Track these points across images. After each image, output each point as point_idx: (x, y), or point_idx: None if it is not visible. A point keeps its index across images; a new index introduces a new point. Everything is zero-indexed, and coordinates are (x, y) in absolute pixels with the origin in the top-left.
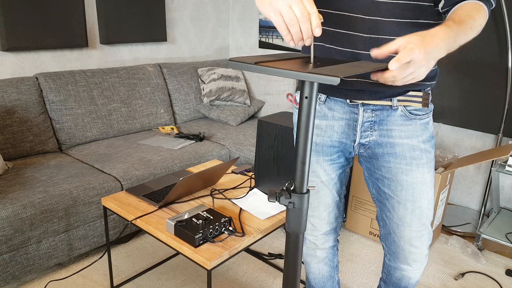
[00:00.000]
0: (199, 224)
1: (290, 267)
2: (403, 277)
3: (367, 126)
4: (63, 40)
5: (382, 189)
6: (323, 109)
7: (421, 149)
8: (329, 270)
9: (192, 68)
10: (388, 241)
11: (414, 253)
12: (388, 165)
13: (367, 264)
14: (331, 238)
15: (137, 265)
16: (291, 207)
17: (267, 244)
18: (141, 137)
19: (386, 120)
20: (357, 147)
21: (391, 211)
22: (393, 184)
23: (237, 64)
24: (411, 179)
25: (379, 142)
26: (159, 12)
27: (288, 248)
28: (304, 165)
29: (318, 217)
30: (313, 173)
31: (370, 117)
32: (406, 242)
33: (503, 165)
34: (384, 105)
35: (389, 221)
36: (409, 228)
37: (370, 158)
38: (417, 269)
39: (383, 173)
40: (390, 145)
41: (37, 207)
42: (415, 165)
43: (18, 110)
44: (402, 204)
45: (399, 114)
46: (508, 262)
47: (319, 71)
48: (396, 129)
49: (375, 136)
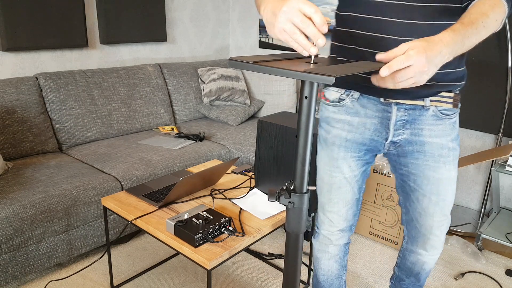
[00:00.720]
0: (199, 224)
1: (290, 267)
2: (417, 262)
3: (399, 125)
4: (63, 40)
5: (408, 182)
6: (355, 106)
7: (449, 148)
8: (338, 269)
9: (192, 68)
10: (410, 226)
11: (433, 240)
12: (416, 162)
13: (367, 264)
14: (346, 236)
15: (137, 265)
16: (291, 207)
17: (267, 244)
18: (141, 137)
19: (418, 120)
20: (388, 145)
21: (415, 202)
22: (419, 179)
23: (237, 63)
24: (438, 175)
25: (409, 140)
26: (159, 12)
27: (288, 248)
28: (304, 165)
29: (337, 213)
30: (338, 169)
31: (403, 116)
32: (427, 230)
33: (503, 165)
34: (416, 105)
35: (412, 210)
36: (431, 218)
37: (399, 155)
38: (433, 255)
39: (410, 169)
40: (420, 143)
41: (37, 207)
42: (442, 163)
43: (18, 110)
44: (427, 196)
45: (431, 114)
46: (508, 262)
47: (314, 71)
48: (426, 128)
49: (406, 134)
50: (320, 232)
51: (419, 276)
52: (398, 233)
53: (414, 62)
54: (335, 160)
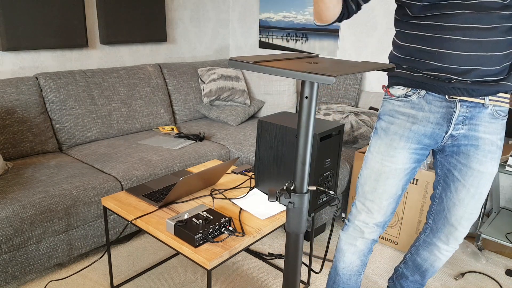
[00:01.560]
0: (199, 224)
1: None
2: (430, 258)
3: (460, 120)
4: (63, 40)
5: (453, 172)
6: (421, 102)
7: (497, 145)
8: (359, 265)
9: (192, 68)
10: (438, 216)
11: (459, 231)
12: (467, 153)
13: (367, 264)
14: (378, 231)
15: (137, 265)
16: (291, 207)
17: (267, 244)
18: (141, 137)
19: (476, 116)
20: (447, 137)
21: (452, 192)
22: (464, 170)
23: (237, 63)
24: (483, 169)
25: (466, 135)
26: (159, 12)
27: (288, 248)
28: (304, 165)
29: (378, 204)
30: (392, 158)
31: (464, 112)
32: (456, 220)
33: (503, 165)
34: (477, 103)
35: (447, 200)
36: (463, 209)
37: (453, 146)
38: (451, 248)
39: (460, 158)
40: (474, 138)
41: (37, 207)
42: (490, 158)
43: (18, 110)
44: (467, 188)
45: (488, 112)
46: (508, 262)
47: (315, 71)
48: (482, 124)
49: (464, 129)
50: (353, 223)
51: (425, 274)
52: (398, 233)
53: None
54: (393, 149)
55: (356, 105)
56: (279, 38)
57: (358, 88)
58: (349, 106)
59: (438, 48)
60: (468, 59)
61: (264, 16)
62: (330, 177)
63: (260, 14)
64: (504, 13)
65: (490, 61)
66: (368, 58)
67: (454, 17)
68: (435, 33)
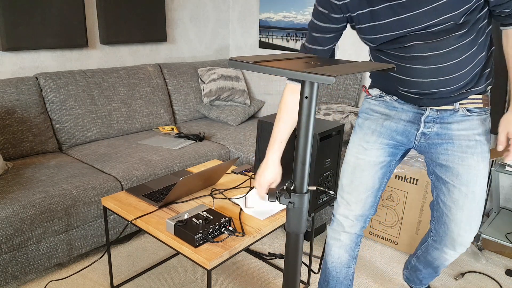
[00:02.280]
0: (199, 224)
1: (290, 267)
2: (439, 258)
3: (430, 119)
4: (63, 40)
5: (439, 175)
6: (393, 103)
7: (476, 140)
8: (347, 258)
9: (192, 68)
10: (439, 223)
11: (462, 236)
12: (446, 153)
13: (367, 264)
14: (359, 225)
15: (137, 265)
16: (291, 207)
17: (267, 244)
18: (141, 137)
19: (448, 117)
20: (419, 135)
21: (445, 195)
22: (449, 170)
23: (237, 63)
24: (466, 165)
25: (438, 133)
26: (159, 12)
27: (288, 248)
28: (304, 165)
29: (356, 196)
30: (366, 151)
31: (434, 114)
32: (456, 224)
33: (503, 165)
34: (447, 109)
35: (443, 204)
36: (460, 211)
37: (430, 147)
38: (458, 253)
39: (441, 161)
40: (448, 136)
41: (37, 207)
42: (470, 153)
43: (18, 110)
44: (457, 187)
45: (460, 113)
46: (508, 262)
47: (315, 71)
48: (455, 123)
49: (436, 128)
50: (335, 217)
51: (438, 268)
52: (398, 233)
53: None
54: (366, 143)
55: (356, 105)
56: (279, 38)
57: (358, 88)
58: (349, 106)
59: (402, 75)
60: (431, 84)
61: (264, 16)
62: (330, 177)
63: (260, 14)
64: (460, 33)
65: (454, 80)
66: (368, 58)
67: (410, 48)
68: (397, 61)
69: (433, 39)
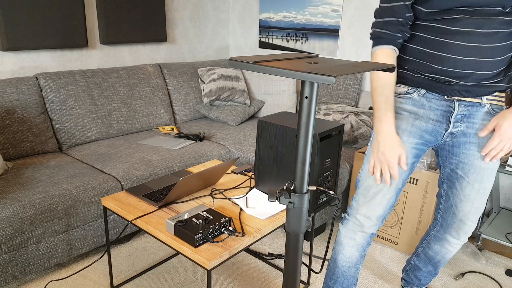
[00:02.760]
0: (199, 224)
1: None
2: (441, 251)
3: (458, 118)
4: (63, 40)
5: (456, 171)
6: (421, 100)
7: None
8: (358, 257)
9: (192, 68)
10: (447, 213)
11: (468, 225)
12: (467, 152)
13: (367, 264)
14: (377, 225)
15: (137, 265)
16: (291, 207)
17: (267, 244)
18: (141, 137)
19: (474, 115)
20: (446, 135)
21: (458, 189)
22: (467, 168)
23: (237, 63)
24: (485, 165)
25: (465, 132)
26: (159, 12)
27: (288, 248)
28: (304, 165)
29: (381, 198)
30: None
31: (462, 111)
32: (464, 215)
33: (503, 165)
34: (475, 102)
35: (454, 197)
36: (470, 204)
37: (453, 145)
38: (462, 242)
39: (461, 158)
40: (473, 135)
41: (37, 207)
42: None
43: (18, 110)
44: (471, 184)
45: (485, 110)
46: (508, 262)
47: (315, 71)
48: (479, 122)
49: (463, 127)
50: (354, 217)
51: (438, 264)
52: (398, 233)
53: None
54: None
55: (356, 105)
56: (279, 38)
57: (358, 88)
58: (349, 106)
59: (439, 51)
60: (467, 64)
61: (264, 16)
62: (330, 177)
63: (260, 14)
64: (506, 19)
65: (488, 66)
66: (368, 58)
67: (456, 21)
68: (438, 36)
69: (481, 16)
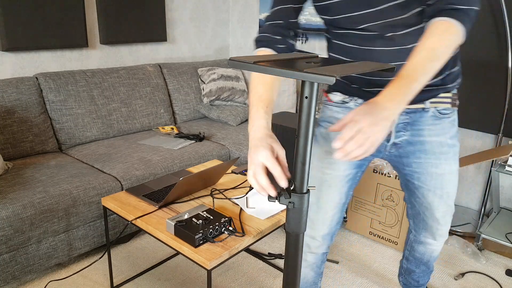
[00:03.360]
0: (199, 224)
1: (290, 267)
2: (426, 251)
3: (400, 127)
4: (63, 40)
5: (412, 181)
6: None
7: (449, 145)
8: (314, 277)
9: (192, 68)
10: (417, 219)
11: (440, 230)
12: (418, 160)
13: (367, 264)
14: (326, 244)
15: (137, 265)
16: (291, 207)
17: (267, 244)
18: (141, 137)
19: (418, 121)
20: (389, 146)
21: (420, 198)
22: (423, 177)
23: (237, 63)
24: (440, 171)
25: (410, 141)
26: (159, 12)
27: (288, 248)
28: (304, 165)
29: (323, 215)
30: (332, 165)
31: (404, 119)
32: (434, 221)
33: (503, 165)
34: (417, 108)
35: (419, 205)
36: (437, 210)
37: (401, 156)
38: (441, 242)
39: (414, 168)
40: (420, 143)
41: (37, 207)
42: (444, 159)
43: (18, 110)
44: (432, 191)
45: (430, 115)
46: (508, 262)
47: (315, 71)
48: (426, 128)
49: (407, 136)
50: None
51: (429, 263)
52: (398, 233)
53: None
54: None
55: None
56: None
57: None
58: None
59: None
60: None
61: (264, 16)
62: None
63: (260, 14)
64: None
65: None
66: None
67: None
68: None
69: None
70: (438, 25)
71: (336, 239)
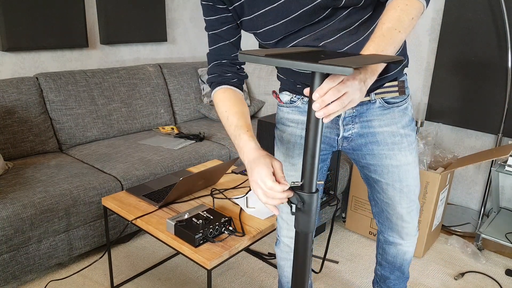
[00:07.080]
0: (199, 224)
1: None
2: (398, 253)
3: (348, 120)
4: (63, 40)
5: (369, 174)
6: (305, 107)
7: (401, 134)
8: None
9: (192, 68)
10: (381, 218)
11: (406, 227)
12: (372, 153)
13: (367, 264)
14: None
15: (137, 265)
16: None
17: (267, 244)
18: (141, 137)
19: (366, 113)
20: (340, 140)
21: (380, 192)
22: (379, 169)
23: (248, 56)
24: (396, 163)
25: (360, 134)
26: (159, 12)
27: (297, 247)
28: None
29: None
30: (293, 167)
31: (350, 112)
32: (398, 218)
33: (503, 165)
34: (363, 101)
35: (380, 201)
36: (399, 206)
37: (354, 150)
38: (410, 241)
39: (368, 160)
40: (371, 134)
41: (37, 207)
42: (397, 150)
43: (18, 110)
44: (391, 185)
45: (377, 106)
46: (508, 262)
47: (331, 62)
48: (375, 119)
49: (356, 128)
50: (280, 239)
51: (403, 268)
52: None
53: None
54: (291, 158)
55: None
56: None
57: None
58: None
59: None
60: None
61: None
62: (330, 177)
63: None
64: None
65: None
66: None
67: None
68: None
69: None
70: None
71: (336, 239)
